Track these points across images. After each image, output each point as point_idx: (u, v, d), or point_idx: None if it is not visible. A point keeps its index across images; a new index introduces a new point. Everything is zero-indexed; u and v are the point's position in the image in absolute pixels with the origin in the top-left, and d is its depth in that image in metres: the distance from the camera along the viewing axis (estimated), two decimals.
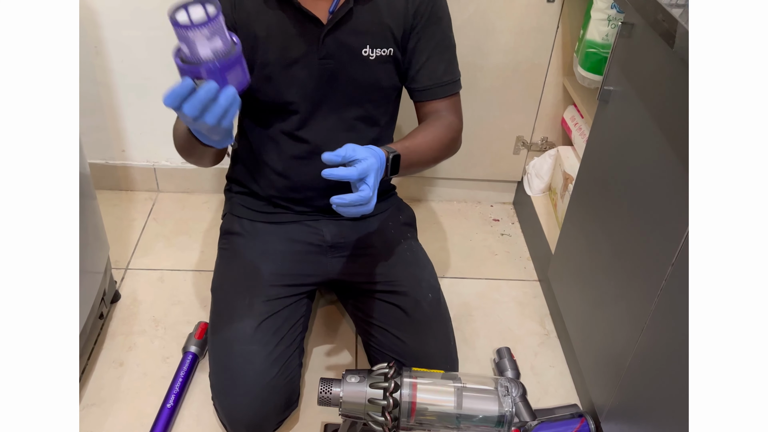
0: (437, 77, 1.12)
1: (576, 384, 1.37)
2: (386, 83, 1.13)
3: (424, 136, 1.10)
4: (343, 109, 1.13)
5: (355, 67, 1.08)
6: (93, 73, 1.65)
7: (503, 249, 1.77)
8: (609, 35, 1.40)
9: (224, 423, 1.15)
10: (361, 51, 1.07)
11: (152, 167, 1.84)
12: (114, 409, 1.26)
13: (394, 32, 1.07)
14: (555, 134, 1.78)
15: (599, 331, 1.22)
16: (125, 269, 1.60)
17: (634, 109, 1.07)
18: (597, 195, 1.25)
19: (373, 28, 1.06)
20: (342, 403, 1.00)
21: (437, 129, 1.12)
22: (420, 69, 1.12)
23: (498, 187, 1.92)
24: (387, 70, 1.11)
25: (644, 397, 1.03)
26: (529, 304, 1.59)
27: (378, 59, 1.08)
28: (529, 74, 1.66)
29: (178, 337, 1.41)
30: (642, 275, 1.03)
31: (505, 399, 1.00)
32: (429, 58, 1.11)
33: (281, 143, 1.16)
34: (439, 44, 1.11)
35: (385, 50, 1.08)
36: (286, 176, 1.19)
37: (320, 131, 1.14)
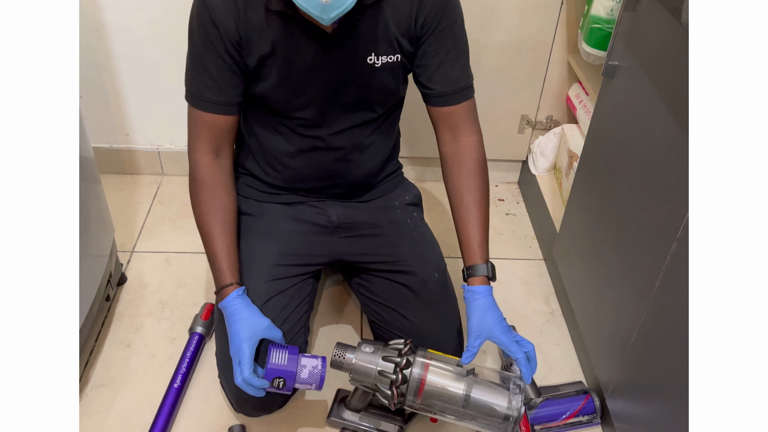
0: (451, 83, 1.10)
1: (581, 361, 1.38)
2: (393, 86, 1.12)
3: (468, 209, 1.12)
4: (351, 111, 1.13)
5: (362, 75, 1.07)
6: (95, 57, 1.64)
7: (508, 228, 1.77)
8: (614, 10, 1.38)
9: (231, 401, 1.16)
10: (366, 59, 1.05)
11: (156, 150, 1.84)
12: (122, 389, 1.27)
13: (400, 40, 1.05)
14: (560, 112, 1.77)
15: (604, 309, 1.22)
16: (131, 252, 1.61)
17: (639, 83, 1.06)
18: (602, 173, 1.24)
19: (378, 36, 1.04)
20: (353, 370, 1.02)
21: (468, 185, 1.13)
22: (432, 75, 1.09)
23: (503, 167, 1.92)
24: (394, 75, 1.10)
25: (649, 374, 1.03)
26: (534, 283, 1.59)
27: (384, 66, 1.07)
28: (534, 52, 1.64)
29: (184, 319, 1.42)
30: (647, 253, 1.03)
31: (515, 397, 1.00)
32: (441, 64, 1.08)
33: (288, 138, 1.15)
34: (451, 49, 1.08)
35: (391, 57, 1.06)
36: (292, 167, 1.19)
37: (328, 129, 1.14)
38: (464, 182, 1.13)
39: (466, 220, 1.11)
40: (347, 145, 1.16)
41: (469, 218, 1.11)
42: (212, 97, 1.05)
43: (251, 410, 1.14)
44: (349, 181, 1.22)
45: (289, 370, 1.02)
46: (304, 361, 1.03)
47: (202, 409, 1.25)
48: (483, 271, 1.08)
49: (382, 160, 1.24)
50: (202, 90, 1.05)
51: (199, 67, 1.04)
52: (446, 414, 1.03)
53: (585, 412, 1.23)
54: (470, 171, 1.13)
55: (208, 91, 1.05)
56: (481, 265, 1.08)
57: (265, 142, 1.18)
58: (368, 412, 1.17)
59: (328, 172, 1.19)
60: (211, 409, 1.24)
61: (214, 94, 1.05)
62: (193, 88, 1.07)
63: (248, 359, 0.98)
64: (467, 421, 1.03)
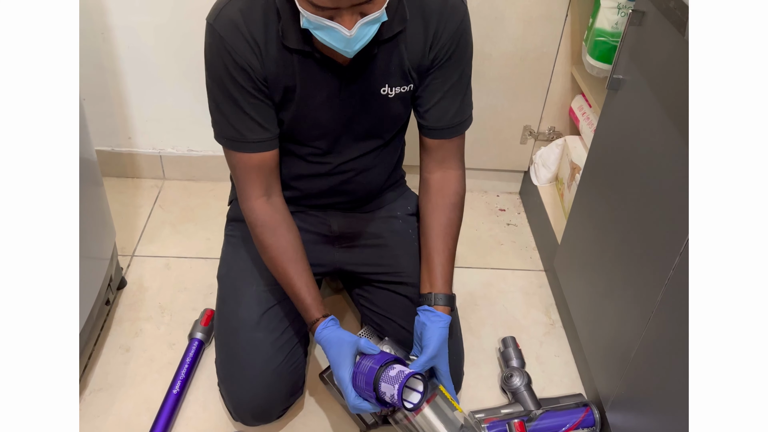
0: (447, 119, 1.10)
1: (581, 373, 1.37)
2: (404, 114, 1.13)
3: (445, 241, 1.12)
4: (362, 140, 1.13)
5: (375, 105, 1.08)
6: (100, 60, 1.64)
7: (509, 239, 1.77)
8: (619, 24, 1.38)
9: (230, 409, 1.16)
10: (380, 90, 1.06)
11: (158, 155, 1.84)
12: (120, 394, 1.27)
13: (412, 72, 1.06)
14: (562, 124, 1.77)
15: (605, 321, 1.22)
16: (131, 256, 1.61)
17: (643, 98, 1.06)
18: (604, 185, 1.24)
19: (392, 69, 1.04)
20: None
21: (450, 217, 1.13)
22: (430, 108, 1.09)
23: (504, 177, 1.92)
24: (405, 103, 1.10)
25: (650, 388, 1.03)
26: (535, 294, 1.59)
27: (396, 96, 1.07)
28: (537, 63, 1.64)
29: (184, 324, 1.42)
30: (649, 266, 1.03)
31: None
32: (442, 98, 1.09)
33: (297, 165, 1.15)
34: (455, 84, 1.08)
35: (405, 87, 1.07)
36: (298, 188, 1.19)
37: (338, 158, 1.14)
38: (447, 215, 1.13)
39: (444, 251, 1.11)
40: (355, 169, 1.16)
41: (444, 250, 1.11)
42: (256, 136, 1.04)
43: (250, 419, 1.14)
44: (354, 198, 1.22)
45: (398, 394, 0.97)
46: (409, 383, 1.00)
47: (200, 415, 1.24)
48: (452, 302, 1.10)
49: (388, 175, 1.24)
50: (244, 134, 1.03)
51: (233, 111, 1.02)
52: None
53: (585, 424, 1.23)
54: (453, 204, 1.14)
55: (250, 132, 1.03)
56: (452, 295, 1.10)
57: None
58: None
59: (334, 192, 1.20)
60: (210, 416, 1.24)
61: (258, 134, 1.04)
62: (232, 134, 1.04)
63: (349, 385, 0.98)
64: None
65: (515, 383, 1.28)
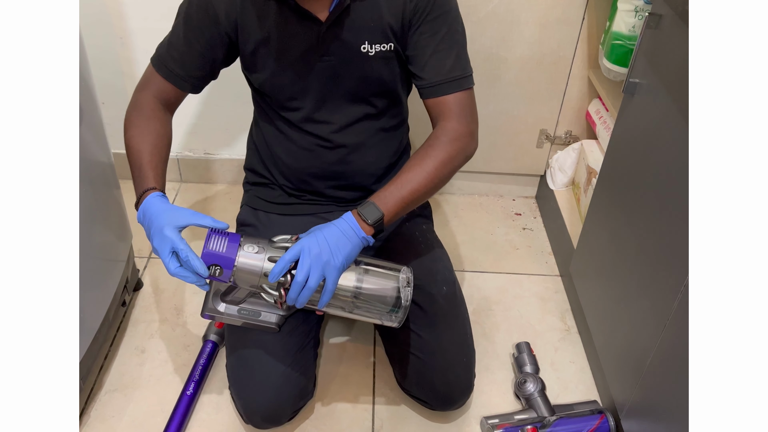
0: (445, 72, 1.07)
1: (596, 380, 1.36)
2: (388, 77, 1.11)
3: (418, 171, 1.03)
4: (348, 104, 1.13)
5: (356, 64, 1.08)
6: (119, 64, 1.67)
7: (525, 243, 1.76)
8: (636, 27, 1.37)
9: (240, 413, 1.16)
10: (359, 47, 1.06)
11: (175, 157, 1.86)
12: (135, 394, 1.28)
13: (393, 27, 1.05)
14: (579, 128, 1.76)
15: (621, 328, 1.20)
16: (148, 258, 1.62)
17: (660, 101, 1.05)
18: (621, 190, 1.23)
19: (372, 24, 1.05)
20: (236, 270, 0.94)
21: (435, 152, 1.04)
22: (425, 65, 1.07)
23: (521, 181, 1.91)
24: (389, 65, 1.10)
25: (665, 395, 1.01)
26: (550, 300, 1.57)
27: (377, 55, 1.07)
28: (554, 66, 1.63)
29: (198, 326, 1.43)
30: (665, 271, 1.01)
31: (404, 290, 0.99)
32: (435, 53, 1.07)
33: (289, 135, 1.17)
34: (445, 38, 1.06)
35: (384, 45, 1.07)
36: (295, 167, 1.20)
37: (329, 127, 1.15)
38: (425, 148, 1.05)
39: (404, 171, 1.02)
40: (349, 143, 1.16)
41: (405, 171, 1.02)
42: (173, 67, 1.10)
43: (260, 422, 1.14)
44: (354, 183, 1.22)
45: (228, 257, 0.93)
46: (247, 248, 0.94)
47: (213, 417, 1.25)
48: (375, 218, 0.98)
49: (387, 164, 1.23)
50: (167, 59, 1.11)
51: (177, 40, 1.09)
52: (335, 308, 0.99)
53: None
54: (438, 138, 1.05)
55: (172, 61, 1.10)
56: (380, 214, 0.99)
57: (270, 143, 1.20)
58: (247, 302, 1.06)
59: (331, 173, 1.19)
60: (223, 418, 1.24)
61: (176, 66, 1.10)
62: (162, 54, 1.12)
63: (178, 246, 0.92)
64: (356, 313, 1.00)
65: (529, 389, 1.26)
